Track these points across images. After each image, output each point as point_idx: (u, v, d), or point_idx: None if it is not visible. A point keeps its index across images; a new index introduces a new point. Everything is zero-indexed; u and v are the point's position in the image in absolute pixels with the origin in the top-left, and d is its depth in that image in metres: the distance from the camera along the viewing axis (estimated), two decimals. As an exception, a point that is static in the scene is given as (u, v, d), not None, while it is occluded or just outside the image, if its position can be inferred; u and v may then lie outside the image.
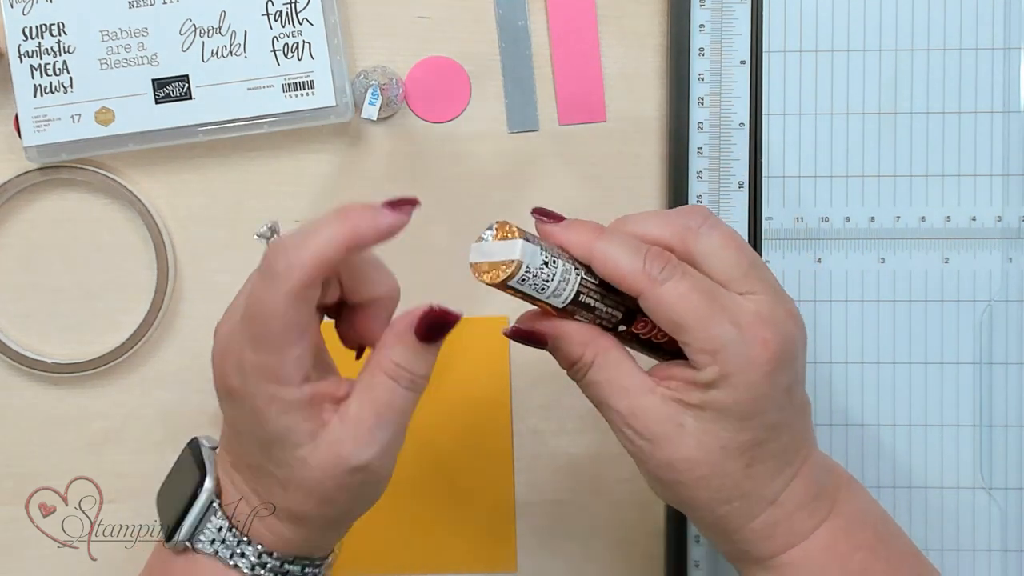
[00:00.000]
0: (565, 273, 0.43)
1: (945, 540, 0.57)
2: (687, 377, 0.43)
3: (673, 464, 0.43)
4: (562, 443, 0.59)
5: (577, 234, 0.43)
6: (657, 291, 0.42)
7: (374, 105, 0.56)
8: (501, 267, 0.42)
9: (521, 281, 0.42)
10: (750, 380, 0.42)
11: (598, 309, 0.44)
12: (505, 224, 0.42)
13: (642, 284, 0.42)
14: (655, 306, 0.42)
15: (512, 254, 0.42)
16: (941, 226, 0.57)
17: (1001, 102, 0.57)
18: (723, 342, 0.42)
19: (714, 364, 0.42)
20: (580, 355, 0.44)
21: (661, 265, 0.42)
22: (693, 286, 0.42)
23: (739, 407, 0.42)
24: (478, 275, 0.43)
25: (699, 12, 0.56)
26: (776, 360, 0.42)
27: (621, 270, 0.42)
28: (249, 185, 0.59)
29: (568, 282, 0.43)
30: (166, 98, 0.56)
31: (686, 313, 0.42)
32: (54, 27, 0.56)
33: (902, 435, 0.57)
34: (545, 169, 0.58)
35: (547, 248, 0.43)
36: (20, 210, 0.59)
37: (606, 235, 0.43)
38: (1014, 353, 0.57)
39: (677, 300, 0.42)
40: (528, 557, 0.59)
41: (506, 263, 0.42)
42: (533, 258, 0.42)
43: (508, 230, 0.42)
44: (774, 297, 0.44)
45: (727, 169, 0.57)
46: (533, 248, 0.42)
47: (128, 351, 0.58)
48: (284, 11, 0.55)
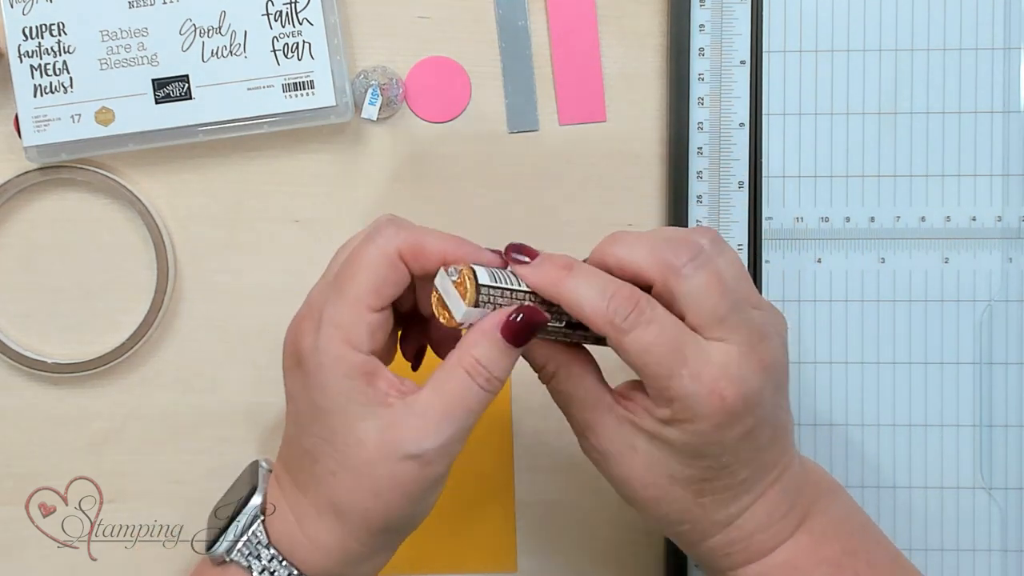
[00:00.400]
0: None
1: (945, 540, 0.57)
2: (646, 405, 0.43)
3: (626, 481, 0.44)
4: (562, 443, 0.59)
5: (545, 275, 0.43)
6: (620, 339, 0.42)
7: (374, 105, 0.56)
8: (444, 312, 0.43)
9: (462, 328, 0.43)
10: (700, 429, 0.42)
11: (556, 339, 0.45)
12: (465, 280, 0.43)
13: (606, 330, 0.42)
14: (618, 350, 0.43)
15: (456, 313, 0.43)
16: (941, 226, 0.57)
17: (1001, 102, 0.57)
18: (679, 395, 0.42)
19: (666, 408, 0.42)
20: (543, 365, 0.45)
21: (627, 312, 0.42)
22: (657, 336, 0.42)
23: (687, 448, 0.43)
24: (432, 298, 0.44)
25: (699, 12, 0.56)
26: (729, 414, 0.42)
27: (586, 313, 0.42)
28: (249, 185, 0.59)
29: None
30: (166, 98, 0.56)
31: (646, 365, 0.42)
32: (54, 27, 0.56)
33: (902, 435, 0.57)
34: (545, 169, 0.58)
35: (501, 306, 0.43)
36: (20, 210, 0.59)
37: (574, 274, 0.43)
38: (1014, 353, 0.57)
39: (639, 350, 0.42)
40: (528, 557, 0.59)
41: (448, 314, 0.43)
42: (474, 318, 0.43)
43: (464, 288, 0.42)
44: (747, 346, 0.43)
45: (727, 169, 0.57)
46: (479, 312, 0.43)
47: (128, 351, 0.58)
48: (284, 11, 0.55)
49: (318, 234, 0.59)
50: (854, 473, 0.57)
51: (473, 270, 0.43)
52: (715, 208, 0.57)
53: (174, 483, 0.59)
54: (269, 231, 0.59)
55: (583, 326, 0.44)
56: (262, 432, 0.59)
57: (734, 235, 0.57)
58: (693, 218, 0.57)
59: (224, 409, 0.59)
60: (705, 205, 0.57)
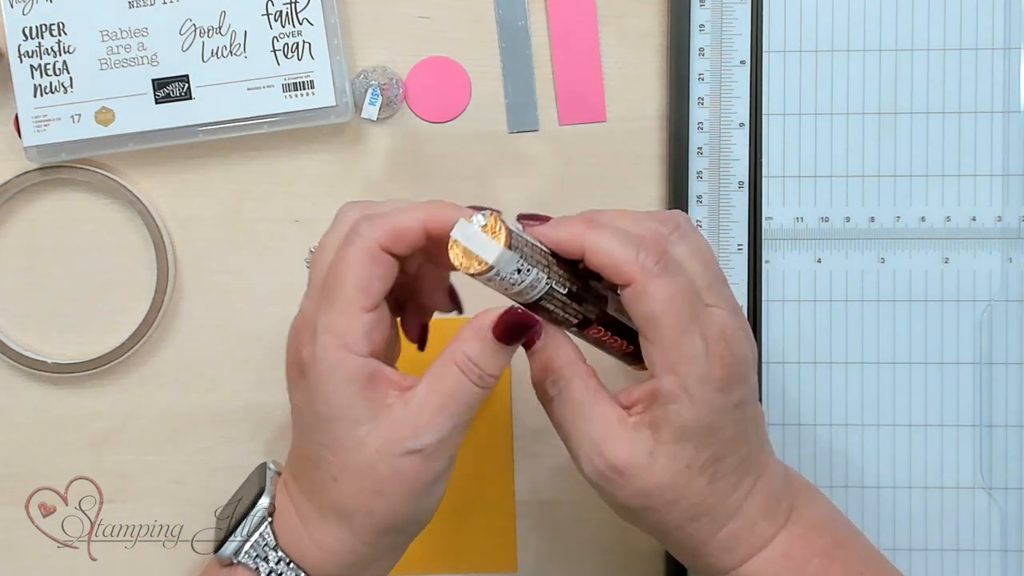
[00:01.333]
0: (535, 281, 0.42)
1: (945, 540, 0.57)
2: (648, 391, 0.43)
3: (645, 492, 0.43)
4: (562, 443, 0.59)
5: (567, 229, 0.43)
6: (646, 283, 0.42)
7: (374, 105, 0.56)
8: (474, 261, 0.41)
9: (488, 280, 0.42)
10: (707, 396, 0.42)
11: (556, 314, 0.44)
12: (498, 220, 0.42)
13: (634, 273, 0.42)
14: (638, 297, 0.42)
15: (489, 256, 0.41)
16: (941, 226, 0.57)
17: (1001, 102, 0.57)
18: (688, 354, 0.42)
19: (672, 375, 0.42)
20: (558, 367, 0.44)
21: (656, 258, 0.42)
22: (680, 289, 0.42)
23: (699, 425, 0.43)
24: (452, 251, 0.42)
25: (699, 12, 0.56)
26: (730, 378, 0.42)
27: (615, 258, 0.42)
28: (249, 185, 0.59)
29: (535, 289, 0.43)
30: (166, 98, 0.56)
31: (665, 315, 0.42)
32: (54, 27, 0.56)
33: (902, 435, 0.57)
34: (545, 169, 0.58)
35: (527, 256, 0.42)
36: (20, 210, 0.59)
37: (597, 224, 0.43)
38: (1014, 353, 0.57)
39: (663, 299, 0.42)
40: (528, 557, 0.59)
41: (479, 260, 0.41)
42: (507, 266, 0.41)
43: (497, 228, 0.41)
44: (734, 314, 0.44)
45: (727, 169, 0.57)
46: (511, 256, 0.41)
47: (128, 351, 0.58)
48: (284, 11, 0.55)
49: (318, 234, 0.58)
50: (854, 473, 0.57)
51: (499, 215, 0.42)
52: (715, 208, 0.57)
53: (174, 483, 0.59)
54: (269, 231, 0.59)
55: (583, 298, 0.44)
56: (262, 432, 0.59)
57: (734, 235, 0.57)
58: (693, 218, 0.57)
59: (224, 409, 0.59)
60: (705, 205, 0.57)
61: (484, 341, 0.43)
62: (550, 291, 0.43)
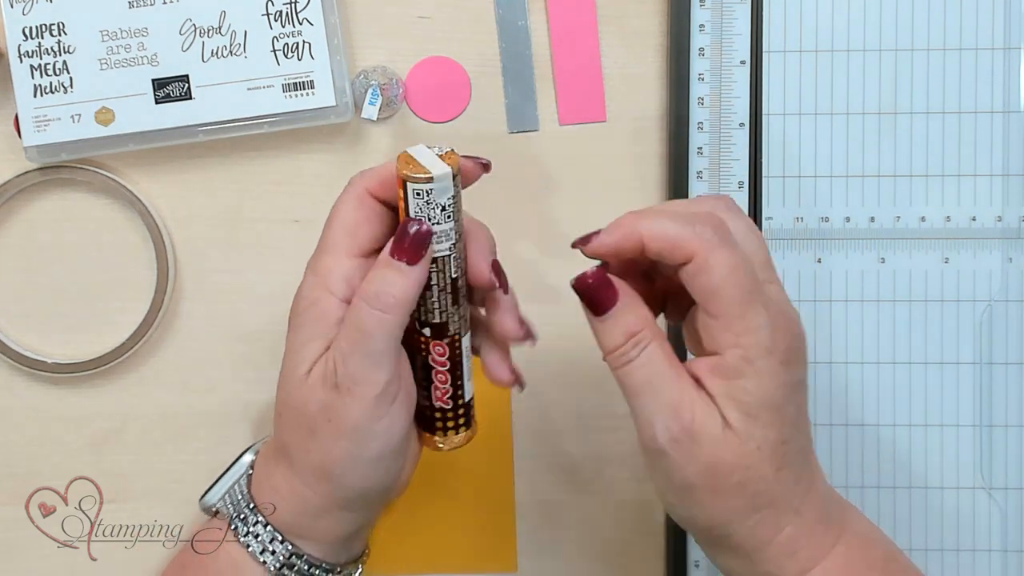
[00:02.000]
0: (448, 232, 0.44)
1: (945, 540, 0.57)
2: (711, 366, 0.42)
3: (714, 467, 0.42)
4: (562, 443, 0.59)
5: (620, 226, 0.43)
6: (708, 255, 0.41)
7: (374, 105, 0.56)
8: (420, 170, 0.43)
9: (417, 193, 0.43)
10: (772, 369, 0.41)
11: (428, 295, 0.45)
12: (454, 154, 0.44)
13: (694, 246, 0.41)
14: (701, 270, 0.41)
15: (434, 171, 0.43)
16: (941, 226, 0.57)
17: (1001, 102, 0.57)
18: (753, 325, 0.41)
19: (737, 347, 0.41)
20: (639, 329, 0.43)
21: (713, 230, 0.41)
22: (742, 261, 0.41)
23: (767, 398, 0.41)
24: (399, 161, 0.43)
25: (699, 12, 0.56)
26: (793, 352, 0.42)
27: (671, 235, 0.41)
28: (249, 185, 0.59)
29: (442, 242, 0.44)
30: (166, 98, 0.56)
31: (729, 286, 0.41)
32: (54, 27, 0.56)
33: (902, 435, 0.57)
34: (545, 169, 0.58)
35: (457, 208, 0.44)
36: (20, 210, 0.59)
37: (648, 215, 0.43)
38: (1014, 353, 0.57)
39: (726, 271, 0.41)
40: (528, 557, 0.59)
41: (424, 171, 0.43)
42: (443, 192, 0.43)
43: (450, 158, 0.43)
44: (785, 294, 0.44)
45: (727, 169, 0.57)
46: (449, 185, 0.43)
47: (128, 351, 0.58)
48: (284, 11, 0.55)
49: (318, 234, 0.59)
50: (854, 473, 0.57)
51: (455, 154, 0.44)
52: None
53: (174, 483, 0.59)
54: (269, 231, 0.59)
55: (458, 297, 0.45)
56: (262, 432, 0.59)
57: (734, 235, 0.57)
58: (693, 218, 0.57)
59: (224, 409, 0.59)
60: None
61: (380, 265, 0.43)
62: (450, 259, 0.44)
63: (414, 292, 0.43)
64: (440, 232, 0.43)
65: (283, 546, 0.46)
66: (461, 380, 0.46)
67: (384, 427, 0.44)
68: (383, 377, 0.43)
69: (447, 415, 0.47)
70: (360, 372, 0.43)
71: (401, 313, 0.43)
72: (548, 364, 0.46)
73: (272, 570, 0.46)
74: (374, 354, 0.43)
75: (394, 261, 0.43)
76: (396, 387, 0.44)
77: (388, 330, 0.43)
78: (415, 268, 0.43)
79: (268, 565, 0.45)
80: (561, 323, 0.52)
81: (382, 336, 0.43)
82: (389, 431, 0.44)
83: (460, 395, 0.47)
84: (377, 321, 0.43)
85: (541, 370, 0.55)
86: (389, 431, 0.44)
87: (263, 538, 0.46)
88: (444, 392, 0.46)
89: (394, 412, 0.44)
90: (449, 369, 0.46)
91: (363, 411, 0.43)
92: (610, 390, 0.46)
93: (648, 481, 0.58)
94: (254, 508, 0.46)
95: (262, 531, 0.46)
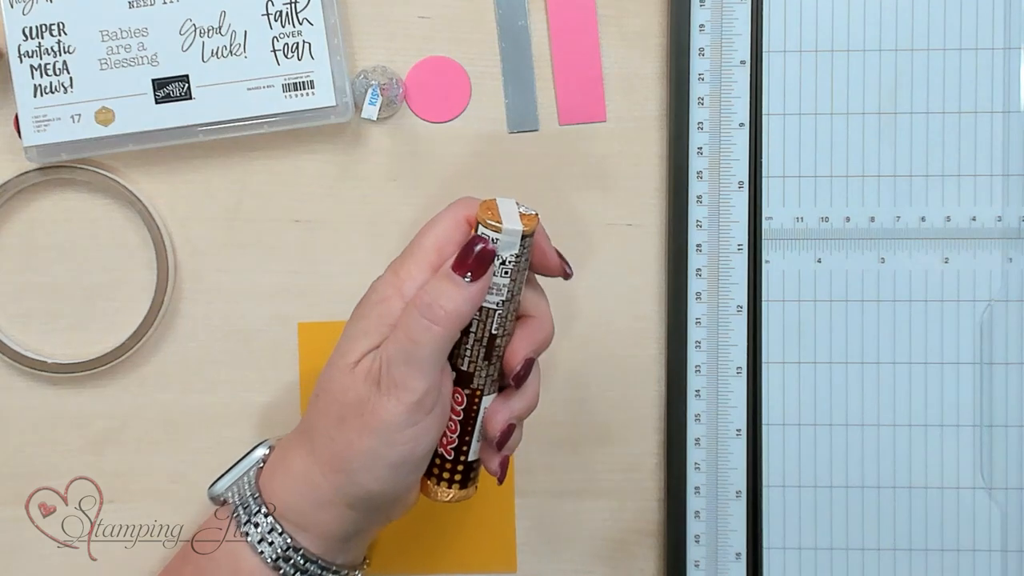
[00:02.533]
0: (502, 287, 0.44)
1: (945, 540, 0.57)
2: None
3: None
4: (562, 443, 0.59)
5: None
6: None
7: (374, 105, 0.56)
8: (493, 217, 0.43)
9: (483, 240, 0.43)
10: None
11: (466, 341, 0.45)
12: (536, 218, 0.44)
13: None
14: None
15: (508, 224, 0.43)
16: (941, 226, 0.57)
17: (1001, 102, 0.57)
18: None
19: None
20: None
21: None
22: None
23: None
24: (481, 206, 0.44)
25: (699, 12, 0.56)
26: None
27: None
28: (249, 185, 0.59)
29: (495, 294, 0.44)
30: (166, 98, 0.56)
31: None
32: (54, 27, 0.56)
33: (902, 435, 0.57)
34: (545, 169, 0.58)
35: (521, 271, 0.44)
36: (20, 210, 0.59)
37: None
38: (1014, 353, 0.57)
39: None
40: (528, 557, 0.59)
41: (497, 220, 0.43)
42: (509, 247, 0.43)
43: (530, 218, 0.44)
44: None
45: (727, 169, 0.57)
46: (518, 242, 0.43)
47: (128, 351, 0.58)
48: (284, 11, 0.55)
49: (318, 234, 0.59)
50: (854, 473, 0.57)
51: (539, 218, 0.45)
52: (715, 208, 0.57)
53: (174, 483, 0.59)
54: (269, 231, 0.59)
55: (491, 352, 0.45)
56: (262, 432, 0.59)
57: (734, 235, 0.57)
58: (693, 218, 0.57)
59: (224, 409, 0.59)
60: (705, 205, 0.57)
61: (439, 277, 0.44)
62: (495, 313, 0.44)
63: (467, 308, 0.44)
64: (494, 285, 0.44)
65: (281, 538, 0.46)
66: (470, 437, 0.47)
67: (412, 435, 0.44)
68: (422, 386, 0.44)
69: (444, 465, 0.47)
70: (401, 377, 0.44)
71: (450, 326, 0.44)
72: (548, 364, 0.45)
73: (269, 561, 0.46)
74: (417, 362, 0.44)
75: (453, 275, 0.44)
76: (433, 400, 0.44)
77: (435, 341, 0.44)
78: (472, 285, 0.44)
79: (265, 555, 0.46)
80: (560, 322, 0.52)
81: (428, 346, 0.43)
82: (415, 440, 0.45)
83: (464, 451, 0.47)
84: (425, 330, 0.43)
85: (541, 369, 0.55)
86: (415, 440, 0.45)
87: (263, 528, 0.46)
88: (449, 441, 0.47)
89: (426, 423, 0.45)
90: (461, 420, 0.46)
91: (397, 414, 0.44)
92: (610, 391, 0.46)
93: (648, 480, 0.59)
94: (258, 498, 0.47)
95: (263, 521, 0.46)
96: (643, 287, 0.58)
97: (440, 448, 0.47)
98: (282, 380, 0.59)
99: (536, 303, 0.47)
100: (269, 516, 0.46)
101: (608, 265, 0.58)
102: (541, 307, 0.47)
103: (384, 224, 0.58)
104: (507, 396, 0.47)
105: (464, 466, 0.47)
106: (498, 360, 0.46)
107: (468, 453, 0.47)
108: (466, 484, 0.48)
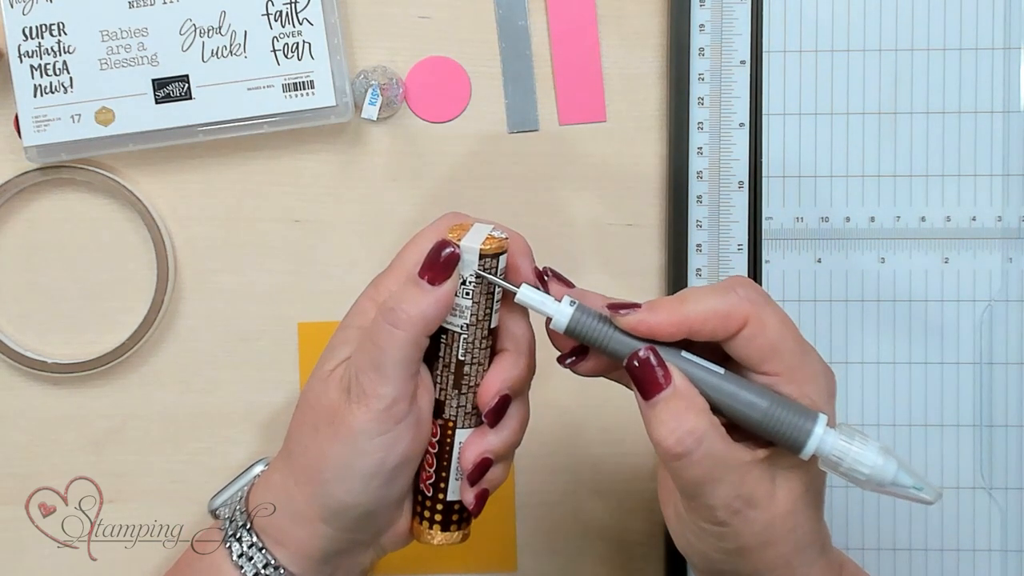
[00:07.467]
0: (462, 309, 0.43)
1: (945, 540, 0.57)
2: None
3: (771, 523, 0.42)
4: (562, 444, 0.59)
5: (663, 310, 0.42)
6: (761, 314, 0.41)
7: (374, 105, 0.56)
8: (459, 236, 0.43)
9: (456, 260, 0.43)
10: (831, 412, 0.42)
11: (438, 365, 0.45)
12: (498, 241, 0.43)
13: (745, 309, 0.41)
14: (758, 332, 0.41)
15: (467, 242, 0.43)
16: (941, 226, 0.57)
17: (1001, 102, 0.57)
18: (812, 373, 0.42)
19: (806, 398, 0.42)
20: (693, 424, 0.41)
21: (754, 290, 0.42)
22: (785, 314, 0.42)
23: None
24: (457, 225, 0.44)
25: (699, 12, 0.56)
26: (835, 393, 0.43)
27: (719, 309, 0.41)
28: (249, 185, 0.59)
29: (458, 315, 0.44)
30: (166, 98, 0.56)
31: (786, 340, 0.42)
32: (54, 27, 0.56)
33: (902, 435, 0.57)
34: (545, 169, 0.58)
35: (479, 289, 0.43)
36: (20, 210, 0.59)
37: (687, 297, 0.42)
38: (1014, 353, 0.57)
39: (780, 325, 0.42)
40: (528, 557, 0.59)
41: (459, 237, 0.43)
42: (466, 261, 0.43)
43: (490, 242, 0.43)
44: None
45: (727, 169, 0.57)
46: (472, 260, 0.43)
47: (128, 351, 0.58)
48: (284, 11, 0.55)
49: (318, 234, 0.59)
50: (854, 473, 0.57)
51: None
52: (715, 208, 0.57)
53: (174, 483, 0.59)
54: (269, 231, 0.59)
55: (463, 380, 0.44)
56: (262, 432, 0.59)
57: (734, 235, 0.57)
58: (693, 218, 0.57)
59: (224, 409, 0.59)
60: (705, 205, 0.57)
61: (403, 283, 0.44)
62: (459, 337, 0.44)
63: (432, 312, 0.43)
64: (456, 307, 0.43)
65: (261, 554, 0.46)
66: (447, 473, 0.45)
67: (382, 444, 0.44)
68: (390, 392, 0.43)
69: (425, 503, 0.46)
70: (369, 384, 0.43)
71: (412, 330, 0.43)
72: (547, 364, 0.45)
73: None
74: (383, 368, 0.43)
75: (418, 279, 0.43)
76: (404, 408, 0.44)
77: (398, 345, 0.43)
78: (435, 289, 0.43)
79: (245, 571, 0.45)
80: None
81: (391, 350, 0.43)
82: (386, 450, 0.44)
83: (442, 488, 0.46)
84: (388, 335, 0.43)
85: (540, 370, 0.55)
86: (386, 450, 0.44)
87: (244, 543, 0.46)
88: (427, 476, 0.46)
89: (397, 433, 0.44)
90: (436, 454, 0.45)
91: (365, 422, 0.43)
92: (610, 391, 0.46)
93: (648, 481, 0.59)
94: (243, 512, 0.46)
95: (245, 536, 0.46)
96: (643, 287, 0.58)
97: (420, 484, 0.46)
98: (282, 380, 0.59)
99: (515, 337, 0.45)
100: (252, 532, 0.46)
101: (608, 265, 0.58)
102: (521, 343, 0.45)
103: (384, 224, 0.58)
104: (483, 431, 0.45)
105: (444, 505, 0.46)
106: (469, 391, 0.45)
107: (446, 492, 0.46)
108: (448, 527, 0.46)
